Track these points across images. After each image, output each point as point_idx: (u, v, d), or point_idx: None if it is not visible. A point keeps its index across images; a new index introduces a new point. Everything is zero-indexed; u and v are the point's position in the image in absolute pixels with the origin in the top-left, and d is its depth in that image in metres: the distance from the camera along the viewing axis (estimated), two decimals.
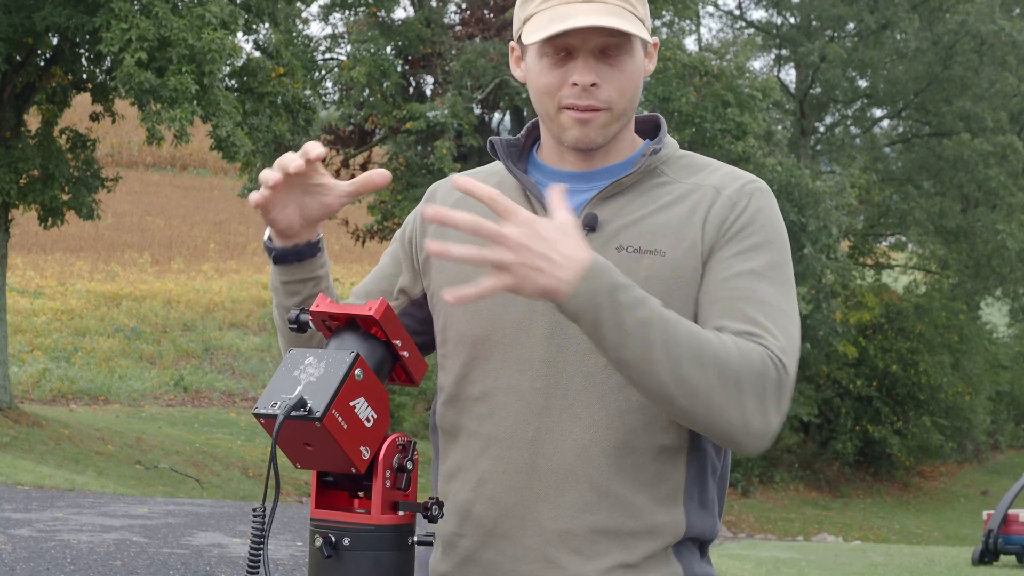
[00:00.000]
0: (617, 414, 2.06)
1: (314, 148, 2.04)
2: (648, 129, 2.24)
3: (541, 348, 2.09)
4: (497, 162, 2.23)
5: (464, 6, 26.99)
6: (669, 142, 2.19)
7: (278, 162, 2.05)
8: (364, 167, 27.61)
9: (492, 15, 25.99)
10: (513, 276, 1.89)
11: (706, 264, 2.08)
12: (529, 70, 2.15)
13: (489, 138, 2.21)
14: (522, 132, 2.25)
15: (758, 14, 37.91)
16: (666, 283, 2.07)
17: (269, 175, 2.06)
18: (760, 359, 1.98)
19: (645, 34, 2.11)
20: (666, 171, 2.16)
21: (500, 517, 2.10)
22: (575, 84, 2.09)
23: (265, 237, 2.18)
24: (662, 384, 1.94)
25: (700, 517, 2.11)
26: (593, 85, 2.09)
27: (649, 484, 2.07)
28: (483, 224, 1.89)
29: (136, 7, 16.73)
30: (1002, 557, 16.44)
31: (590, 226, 2.11)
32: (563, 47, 2.09)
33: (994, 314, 40.52)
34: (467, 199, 2.22)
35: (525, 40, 2.11)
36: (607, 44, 2.09)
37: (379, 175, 2.06)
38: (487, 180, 2.23)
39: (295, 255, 2.16)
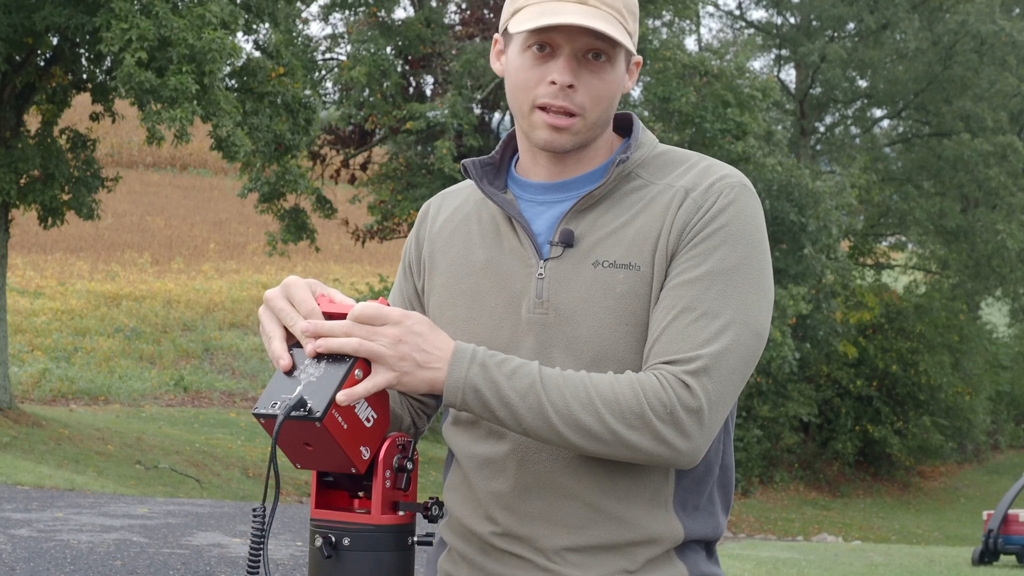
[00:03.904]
0: None
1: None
2: (627, 126, 2.22)
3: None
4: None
5: (464, 6, 26.98)
6: (646, 140, 2.17)
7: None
8: (364, 167, 27.62)
9: (492, 15, 25.98)
10: (394, 371, 1.96)
11: (669, 270, 2.07)
12: (509, 63, 2.14)
13: (462, 161, 2.21)
14: (497, 148, 2.24)
15: (758, 14, 37.94)
16: (642, 297, 2.06)
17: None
18: (656, 388, 1.99)
19: (631, 45, 2.09)
20: (641, 174, 2.14)
21: (495, 535, 2.11)
22: (553, 83, 2.08)
23: None
24: (566, 439, 1.99)
25: (698, 521, 2.11)
26: (570, 87, 2.07)
27: (640, 496, 2.07)
28: (355, 328, 1.95)
29: (136, 7, 16.71)
30: (1002, 557, 16.43)
31: (566, 242, 2.10)
32: (548, 43, 2.08)
33: (994, 314, 40.52)
34: (457, 217, 2.24)
35: (512, 29, 2.09)
36: (591, 48, 2.08)
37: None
38: (470, 197, 2.24)
39: None
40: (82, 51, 18.85)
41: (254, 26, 19.79)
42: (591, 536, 2.07)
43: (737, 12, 37.82)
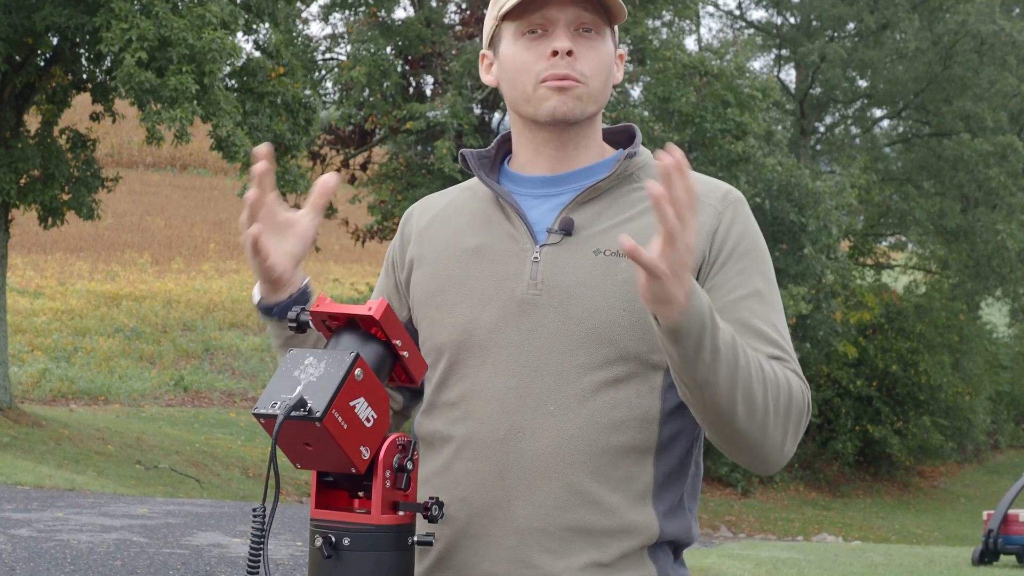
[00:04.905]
0: (590, 413, 2.07)
1: (259, 171, 2.05)
2: (622, 140, 2.26)
3: (515, 349, 2.10)
4: (473, 177, 2.25)
5: (464, 6, 26.99)
6: (644, 150, 2.22)
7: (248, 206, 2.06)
8: (364, 167, 27.63)
9: None
10: (669, 269, 1.85)
11: (699, 274, 2.10)
12: (503, 59, 2.18)
13: (461, 151, 2.23)
14: (492, 145, 2.27)
15: (758, 14, 37.94)
16: None
17: (249, 198, 2.06)
18: (799, 389, 2.05)
19: (623, 7, 2.14)
20: (642, 177, 2.18)
21: (473, 517, 2.10)
22: (554, 53, 2.12)
23: (256, 300, 2.14)
24: (734, 404, 1.98)
25: (671, 520, 2.12)
26: (570, 53, 2.12)
27: (620, 484, 2.08)
28: (673, 224, 1.83)
29: (136, 7, 16.72)
30: (1002, 557, 16.43)
31: (566, 230, 2.12)
32: (540, 23, 2.13)
33: (994, 314, 40.52)
34: (446, 213, 2.25)
35: (502, 12, 2.14)
36: (582, 22, 2.13)
37: (327, 179, 2.09)
38: (461, 194, 2.26)
39: (296, 302, 2.14)
40: (82, 51, 18.86)
41: (254, 26, 19.80)
42: (568, 519, 2.06)
43: (737, 12, 37.83)
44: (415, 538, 1.99)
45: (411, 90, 26.53)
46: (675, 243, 1.83)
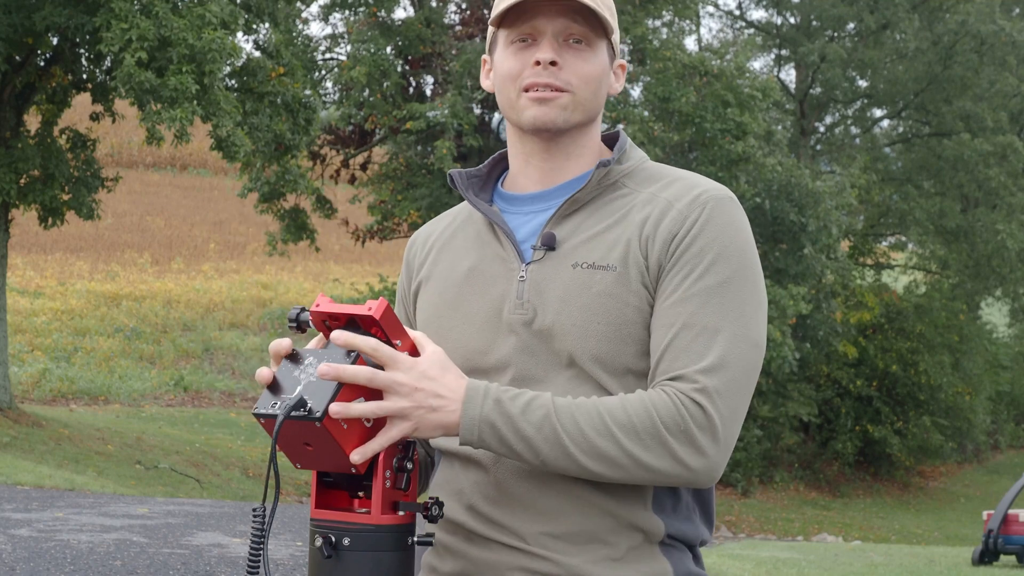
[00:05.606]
0: None
1: None
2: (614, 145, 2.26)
3: (511, 369, 2.12)
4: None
5: (464, 6, 26.98)
6: (634, 154, 2.20)
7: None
8: (364, 167, 27.63)
9: None
10: (411, 421, 1.96)
11: (657, 283, 2.09)
12: (496, 64, 2.20)
13: (449, 172, 2.25)
14: (486, 163, 2.28)
15: (758, 14, 37.93)
16: (618, 298, 2.08)
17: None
18: (668, 406, 2.00)
19: (611, 26, 2.14)
20: (628, 183, 2.17)
21: (481, 525, 2.12)
22: (537, 63, 2.13)
23: None
24: (585, 468, 2.00)
25: (676, 519, 2.13)
26: (553, 64, 2.13)
27: (619, 488, 2.08)
28: (376, 375, 1.93)
29: (136, 7, 16.71)
30: (1002, 557, 16.43)
31: (548, 245, 2.13)
32: (529, 32, 2.14)
33: (994, 314, 40.52)
34: (444, 237, 2.27)
35: (492, 19, 2.16)
36: (571, 33, 2.14)
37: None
38: (458, 216, 2.28)
39: None
40: (82, 51, 18.85)
41: (254, 26, 19.79)
42: (571, 523, 2.08)
43: (737, 12, 37.82)
44: (415, 538, 1.99)
45: (411, 90, 26.53)
46: (398, 388, 1.94)
